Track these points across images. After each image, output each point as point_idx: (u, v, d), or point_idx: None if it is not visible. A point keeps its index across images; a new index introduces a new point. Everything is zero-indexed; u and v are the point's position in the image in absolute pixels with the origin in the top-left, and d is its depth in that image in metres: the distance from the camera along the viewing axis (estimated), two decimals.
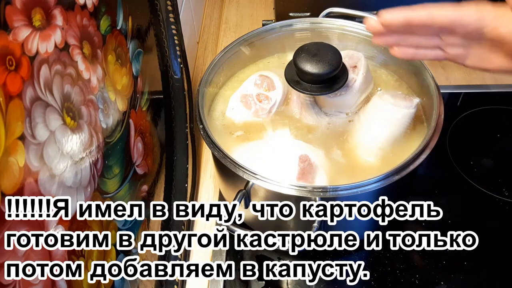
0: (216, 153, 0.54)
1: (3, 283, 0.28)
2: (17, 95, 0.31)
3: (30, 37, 0.32)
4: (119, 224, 0.47)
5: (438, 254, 0.62)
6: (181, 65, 0.66)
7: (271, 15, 0.89)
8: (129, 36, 0.52)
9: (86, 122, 0.41)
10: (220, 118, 0.64)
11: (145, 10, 0.58)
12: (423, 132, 0.57)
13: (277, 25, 0.68)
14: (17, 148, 0.30)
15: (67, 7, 0.38)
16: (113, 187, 0.46)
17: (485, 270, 0.60)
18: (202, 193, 0.73)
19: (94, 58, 0.43)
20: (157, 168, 0.60)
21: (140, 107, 0.55)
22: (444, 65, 0.88)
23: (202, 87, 0.60)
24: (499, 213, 0.66)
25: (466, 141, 0.75)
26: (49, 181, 0.34)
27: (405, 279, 0.60)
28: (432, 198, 0.68)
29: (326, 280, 0.60)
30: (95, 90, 0.43)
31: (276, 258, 0.63)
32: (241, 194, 0.53)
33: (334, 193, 0.49)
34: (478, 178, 0.69)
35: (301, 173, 0.54)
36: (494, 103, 0.80)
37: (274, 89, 0.63)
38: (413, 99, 0.60)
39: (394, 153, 0.57)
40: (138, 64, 0.54)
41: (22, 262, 0.30)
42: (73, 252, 0.37)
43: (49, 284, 0.34)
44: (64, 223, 0.36)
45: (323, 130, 0.61)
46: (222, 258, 0.63)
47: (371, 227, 0.62)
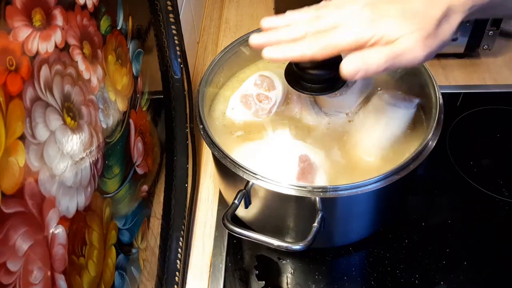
0: (216, 153, 0.54)
1: (3, 283, 0.29)
2: (17, 95, 0.31)
3: (30, 37, 0.32)
4: (119, 224, 0.47)
5: (438, 254, 0.62)
6: (181, 65, 0.66)
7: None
8: (129, 36, 0.52)
9: (86, 122, 0.41)
10: (220, 118, 0.64)
11: (145, 10, 0.58)
12: (423, 132, 0.57)
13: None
14: (17, 148, 0.30)
15: (67, 7, 0.38)
16: (113, 187, 0.47)
17: (485, 270, 0.60)
18: (202, 193, 0.73)
19: (94, 58, 0.43)
20: (157, 168, 0.60)
21: (140, 107, 0.55)
22: (444, 65, 0.88)
23: (202, 87, 0.60)
24: (499, 213, 0.66)
25: (466, 141, 0.75)
26: (49, 181, 0.34)
27: (405, 279, 0.60)
28: (432, 198, 0.68)
29: (326, 280, 0.60)
30: (95, 90, 0.43)
31: (276, 258, 0.63)
32: (241, 194, 0.53)
33: (334, 193, 0.49)
34: (478, 178, 0.69)
35: (301, 173, 0.54)
36: (494, 103, 0.80)
37: (274, 89, 0.63)
38: (413, 99, 0.60)
39: (394, 153, 0.57)
40: (138, 64, 0.54)
41: (22, 262, 0.31)
42: (74, 252, 0.37)
43: (49, 284, 0.34)
44: (64, 222, 0.36)
45: (323, 130, 0.61)
46: (222, 258, 0.63)
47: (371, 226, 0.62)
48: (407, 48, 0.43)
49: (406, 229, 0.64)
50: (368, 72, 0.44)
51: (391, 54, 0.43)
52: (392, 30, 0.43)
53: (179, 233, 0.64)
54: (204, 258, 0.65)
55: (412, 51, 0.43)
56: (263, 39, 0.48)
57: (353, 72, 0.44)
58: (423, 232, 0.64)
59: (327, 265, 0.62)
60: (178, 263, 0.62)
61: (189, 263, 0.65)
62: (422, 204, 0.68)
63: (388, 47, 0.43)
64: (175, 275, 0.61)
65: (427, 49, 0.44)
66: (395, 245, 0.63)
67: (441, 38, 0.44)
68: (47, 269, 0.33)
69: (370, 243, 0.63)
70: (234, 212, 0.52)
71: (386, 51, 0.43)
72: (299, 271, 0.62)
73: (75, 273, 0.38)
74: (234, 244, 0.65)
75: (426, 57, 0.44)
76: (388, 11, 0.44)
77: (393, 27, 0.43)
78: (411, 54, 0.43)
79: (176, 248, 0.63)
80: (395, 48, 0.43)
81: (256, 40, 0.48)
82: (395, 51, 0.43)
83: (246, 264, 0.63)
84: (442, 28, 0.44)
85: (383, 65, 0.43)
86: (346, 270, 0.61)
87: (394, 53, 0.43)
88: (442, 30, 0.44)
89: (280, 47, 0.46)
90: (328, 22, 0.46)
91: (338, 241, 0.63)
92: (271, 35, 0.48)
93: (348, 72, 0.44)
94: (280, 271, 0.62)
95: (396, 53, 0.43)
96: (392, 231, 0.64)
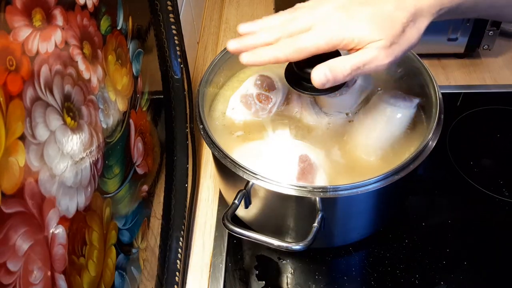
0: (216, 153, 0.54)
1: (3, 283, 0.28)
2: (17, 95, 0.31)
3: (30, 37, 0.32)
4: (119, 224, 0.47)
5: (438, 254, 0.62)
6: (181, 65, 0.66)
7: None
8: (129, 36, 0.52)
9: (87, 122, 0.41)
10: (220, 118, 0.64)
11: (145, 10, 0.58)
12: (423, 132, 0.57)
13: None
14: (17, 148, 0.30)
15: (67, 7, 0.38)
16: (114, 187, 0.47)
17: (485, 270, 0.60)
18: (202, 193, 0.73)
19: (95, 58, 0.43)
20: (157, 168, 0.60)
21: (140, 107, 0.55)
22: (444, 65, 0.88)
23: (202, 87, 0.60)
24: (499, 213, 0.66)
25: (466, 141, 0.75)
26: (50, 181, 0.34)
27: (405, 279, 0.60)
28: (432, 198, 0.68)
29: (326, 280, 0.60)
30: (95, 90, 0.43)
31: (276, 258, 0.63)
32: (241, 194, 0.53)
33: (334, 193, 0.49)
34: (478, 178, 0.69)
35: (301, 173, 0.54)
36: (494, 103, 0.80)
37: (274, 89, 0.63)
38: (413, 99, 0.60)
39: (394, 153, 0.57)
40: (138, 64, 0.54)
41: (22, 262, 0.31)
42: (74, 252, 0.37)
43: (49, 284, 0.34)
44: (65, 222, 0.36)
45: (323, 130, 0.61)
46: (222, 258, 0.63)
47: (371, 226, 0.62)
48: (372, 57, 0.45)
49: (406, 229, 0.64)
50: (336, 81, 0.46)
51: (356, 63, 0.46)
52: (361, 34, 0.45)
53: (179, 233, 0.64)
54: (204, 258, 0.65)
55: (376, 60, 0.46)
56: (239, 44, 0.49)
57: (321, 82, 0.46)
58: (423, 232, 0.64)
59: (327, 265, 0.62)
60: (178, 263, 0.62)
61: (189, 263, 0.65)
62: (422, 204, 0.68)
63: (354, 57, 0.46)
64: (175, 275, 0.61)
65: (390, 57, 0.46)
66: (395, 245, 0.63)
67: (407, 43, 0.46)
68: (47, 269, 0.33)
69: (370, 243, 0.63)
70: (234, 212, 0.52)
71: (352, 61, 0.46)
72: (299, 271, 0.62)
73: (75, 273, 0.38)
74: (234, 244, 0.65)
75: (390, 63, 0.46)
76: (359, 14, 0.46)
77: (362, 31, 0.45)
78: (375, 63, 0.46)
79: (176, 248, 0.63)
80: (360, 57, 0.45)
81: (233, 45, 0.50)
82: (360, 61, 0.45)
83: (246, 264, 0.63)
84: (408, 32, 0.46)
85: (349, 74, 0.46)
86: (346, 270, 0.61)
87: (359, 62, 0.45)
88: (408, 34, 0.46)
89: (255, 52, 0.48)
90: (301, 24, 0.48)
91: (338, 241, 0.63)
92: (247, 40, 0.49)
93: (316, 82, 0.46)
94: (280, 271, 0.62)
95: (361, 62, 0.45)
96: (392, 231, 0.64)
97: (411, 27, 0.46)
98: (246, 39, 0.50)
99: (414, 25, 0.46)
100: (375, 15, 0.46)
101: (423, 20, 0.46)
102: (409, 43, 0.47)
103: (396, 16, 0.45)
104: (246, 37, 0.50)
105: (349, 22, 0.46)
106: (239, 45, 0.50)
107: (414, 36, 0.47)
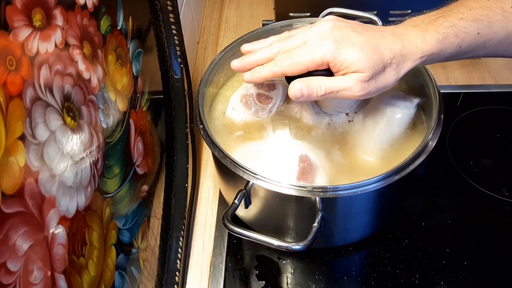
0: (216, 153, 0.54)
1: (4, 283, 0.28)
2: (17, 95, 0.31)
3: (30, 37, 0.32)
4: (119, 224, 0.47)
5: (438, 254, 0.62)
6: (181, 65, 0.66)
7: (271, 15, 0.89)
8: (129, 36, 0.52)
9: (87, 122, 0.41)
10: (220, 118, 0.64)
11: (145, 10, 0.58)
12: (423, 132, 0.57)
13: (277, 25, 0.68)
14: (17, 148, 0.30)
15: (67, 7, 0.38)
16: (114, 187, 0.47)
17: (485, 270, 0.60)
18: (202, 193, 0.73)
19: (94, 58, 0.43)
20: (157, 168, 0.60)
21: (140, 107, 0.55)
22: (444, 65, 0.88)
23: (202, 87, 0.60)
24: (499, 213, 0.66)
25: (466, 141, 0.75)
26: (50, 181, 0.34)
27: (405, 279, 0.60)
28: (432, 198, 0.68)
29: (326, 280, 0.60)
30: (95, 90, 0.43)
31: (276, 258, 0.63)
32: (241, 194, 0.53)
33: (334, 193, 0.49)
34: (478, 178, 0.69)
35: (301, 173, 0.54)
36: (494, 103, 0.80)
37: (274, 89, 0.63)
38: (413, 99, 0.60)
39: (394, 153, 0.57)
40: (138, 64, 0.54)
41: (22, 262, 0.31)
42: (74, 251, 0.37)
43: (49, 284, 0.34)
44: (65, 222, 0.36)
45: (323, 130, 0.61)
46: (222, 258, 0.63)
47: (371, 226, 0.62)
48: (348, 87, 0.48)
49: (406, 229, 0.64)
50: (310, 98, 0.49)
51: (332, 88, 0.48)
52: (351, 60, 0.47)
53: (179, 233, 0.64)
54: (204, 258, 0.65)
55: (351, 91, 0.48)
56: (241, 63, 0.54)
57: (296, 95, 0.49)
58: (423, 232, 0.64)
59: (327, 265, 0.62)
60: (178, 263, 0.62)
61: (189, 263, 0.65)
62: (422, 204, 0.68)
63: (332, 81, 0.48)
64: (175, 275, 0.61)
65: (364, 91, 0.48)
66: (395, 245, 0.63)
67: (383, 82, 0.49)
68: (47, 269, 0.33)
69: (370, 243, 0.63)
70: (234, 212, 0.51)
71: (329, 84, 0.48)
72: (299, 271, 0.62)
73: (75, 273, 0.38)
74: (234, 244, 0.65)
75: (361, 97, 0.49)
76: (354, 40, 0.48)
77: (353, 56, 0.47)
78: (349, 93, 0.48)
79: (176, 248, 0.63)
80: (338, 83, 0.48)
81: (236, 64, 0.54)
82: (336, 86, 0.48)
83: (246, 264, 0.63)
84: (388, 73, 0.49)
85: (322, 95, 0.49)
86: (346, 270, 0.61)
87: (335, 88, 0.48)
88: (387, 75, 0.49)
89: (255, 70, 0.52)
90: (296, 41, 0.50)
91: (338, 241, 0.63)
92: (248, 58, 0.53)
93: (291, 94, 0.49)
94: (280, 271, 0.62)
95: (337, 88, 0.48)
96: (392, 231, 0.64)
97: (393, 69, 0.48)
98: (247, 57, 0.53)
99: (396, 67, 0.49)
100: (367, 45, 0.48)
101: (404, 66, 0.49)
102: (385, 83, 0.49)
103: (384, 53, 0.48)
104: (247, 55, 0.54)
105: (343, 45, 0.47)
106: (241, 63, 0.54)
107: (392, 78, 0.49)
